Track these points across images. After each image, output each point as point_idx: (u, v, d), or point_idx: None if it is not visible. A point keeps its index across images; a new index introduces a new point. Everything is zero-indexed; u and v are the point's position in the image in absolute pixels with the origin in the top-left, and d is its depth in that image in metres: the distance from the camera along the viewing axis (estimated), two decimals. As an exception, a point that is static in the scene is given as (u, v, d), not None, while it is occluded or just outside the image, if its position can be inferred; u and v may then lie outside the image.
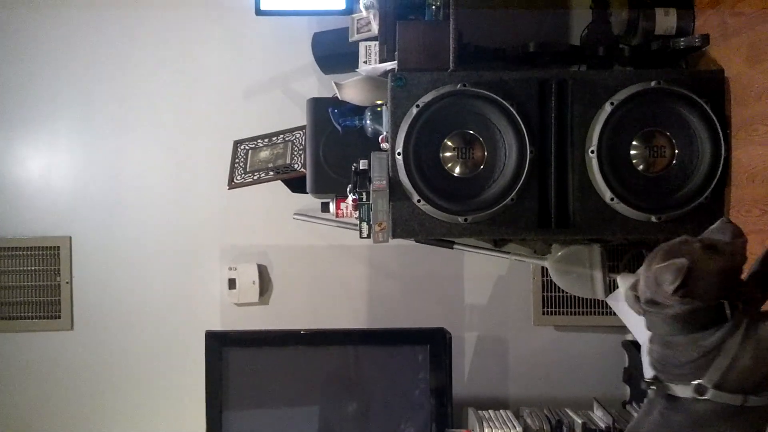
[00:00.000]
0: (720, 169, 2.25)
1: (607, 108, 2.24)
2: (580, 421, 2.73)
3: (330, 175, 2.66)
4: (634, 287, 1.63)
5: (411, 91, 2.26)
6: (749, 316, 1.56)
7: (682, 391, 1.59)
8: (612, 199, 2.24)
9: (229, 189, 2.82)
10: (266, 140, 2.96)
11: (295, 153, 2.81)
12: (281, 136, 2.95)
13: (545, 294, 3.12)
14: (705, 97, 2.24)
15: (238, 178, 2.83)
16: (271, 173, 2.79)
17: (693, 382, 1.56)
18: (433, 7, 2.43)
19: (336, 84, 2.49)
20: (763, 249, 1.75)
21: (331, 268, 3.18)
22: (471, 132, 2.29)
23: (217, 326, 3.13)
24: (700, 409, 1.56)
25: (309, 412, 2.90)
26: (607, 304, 2.90)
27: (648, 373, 1.69)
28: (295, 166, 2.76)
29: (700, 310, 1.53)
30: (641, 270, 1.60)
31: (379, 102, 2.43)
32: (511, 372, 3.19)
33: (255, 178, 2.78)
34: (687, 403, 1.58)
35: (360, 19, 2.65)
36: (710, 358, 1.54)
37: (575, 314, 3.10)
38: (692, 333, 1.54)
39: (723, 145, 2.24)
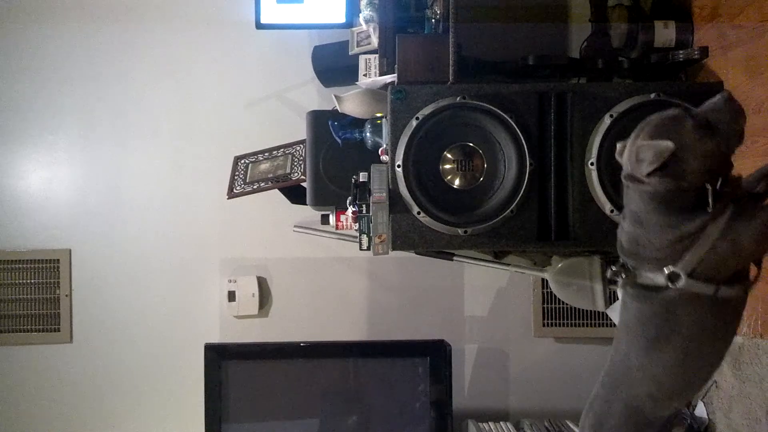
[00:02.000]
0: (719, 181, 2.25)
1: (607, 120, 2.24)
2: (580, 434, 2.72)
3: (330, 187, 2.66)
4: (620, 154, 1.55)
5: (411, 103, 2.26)
6: (736, 205, 1.49)
7: (653, 278, 1.52)
8: (612, 211, 2.24)
9: (228, 198, 2.82)
10: (266, 154, 2.97)
11: (295, 164, 2.81)
12: (281, 149, 2.95)
13: (545, 306, 3.12)
14: (704, 110, 2.25)
15: (238, 188, 2.83)
16: (270, 183, 2.79)
17: (666, 270, 1.50)
18: (433, 20, 2.44)
19: (336, 97, 2.49)
20: None
21: (331, 280, 3.18)
22: (471, 144, 2.29)
23: (216, 339, 3.12)
24: (671, 296, 1.50)
25: (309, 425, 2.90)
26: (607, 315, 2.90)
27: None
28: (294, 175, 2.76)
29: (680, 192, 1.46)
30: (629, 139, 1.53)
31: (378, 114, 2.44)
32: (512, 384, 3.18)
33: (254, 187, 2.79)
34: (658, 292, 1.52)
35: (360, 32, 2.66)
36: (687, 244, 1.47)
37: (576, 326, 3.10)
38: (667, 215, 1.48)
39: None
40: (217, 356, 2.83)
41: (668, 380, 1.57)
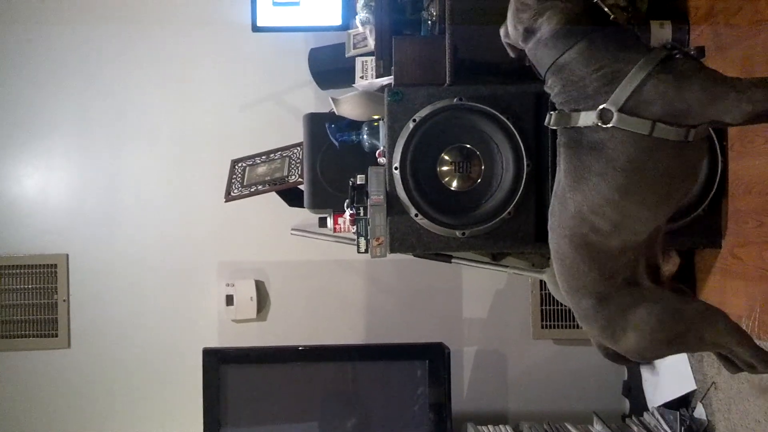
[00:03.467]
0: (717, 180, 2.25)
1: (603, 121, 2.24)
2: (580, 436, 2.72)
3: (327, 190, 2.66)
4: (506, 35, 1.55)
5: (407, 105, 2.26)
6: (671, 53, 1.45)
7: (586, 119, 1.48)
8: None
9: (225, 202, 2.82)
10: (263, 157, 2.97)
11: (293, 166, 2.81)
12: (279, 152, 2.95)
13: (544, 307, 3.12)
14: (701, 110, 2.24)
15: (235, 191, 2.83)
16: (268, 186, 2.79)
17: (597, 108, 1.45)
18: (429, 22, 2.44)
19: (333, 99, 2.49)
20: None
21: (329, 283, 3.17)
22: (468, 146, 2.29)
23: (214, 343, 3.11)
24: (607, 138, 1.46)
25: (308, 429, 2.89)
26: (605, 317, 2.89)
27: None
28: (291, 178, 2.76)
29: (572, 17, 1.45)
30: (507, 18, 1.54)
31: (375, 117, 2.44)
32: (511, 386, 3.17)
33: (252, 190, 2.79)
34: (593, 136, 1.48)
35: (356, 34, 2.66)
36: (616, 75, 1.44)
37: (574, 327, 3.09)
38: (577, 42, 1.45)
39: (720, 156, 2.25)
40: (216, 361, 2.82)
41: (607, 210, 1.53)
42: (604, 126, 1.45)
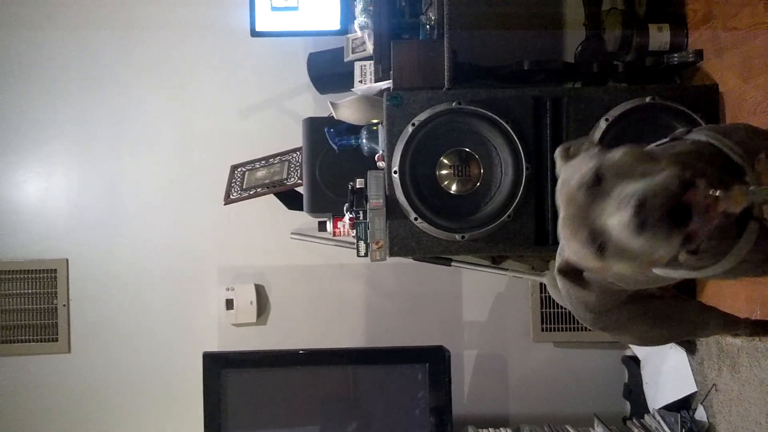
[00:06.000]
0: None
1: (602, 124, 2.25)
2: (580, 438, 2.72)
3: (327, 194, 2.66)
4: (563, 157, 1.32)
5: (406, 109, 2.26)
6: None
7: None
8: (609, 215, 2.24)
9: (224, 204, 2.82)
10: (263, 162, 2.97)
11: (292, 170, 2.81)
12: (278, 157, 2.95)
13: (544, 310, 3.12)
14: (700, 112, 2.25)
15: (234, 194, 2.83)
16: (267, 188, 2.79)
17: None
18: (428, 26, 2.44)
19: (332, 103, 2.50)
20: None
21: (328, 287, 3.17)
22: (467, 150, 2.29)
23: (214, 347, 3.11)
24: None
25: (308, 433, 2.89)
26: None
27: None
28: (290, 180, 2.76)
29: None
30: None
31: (374, 121, 2.44)
32: (511, 389, 3.17)
33: (251, 193, 2.79)
34: None
35: (355, 39, 2.67)
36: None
37: (574, 330, 3.09)
38: None
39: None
40: (216, 365, 2.82)
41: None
42: None
